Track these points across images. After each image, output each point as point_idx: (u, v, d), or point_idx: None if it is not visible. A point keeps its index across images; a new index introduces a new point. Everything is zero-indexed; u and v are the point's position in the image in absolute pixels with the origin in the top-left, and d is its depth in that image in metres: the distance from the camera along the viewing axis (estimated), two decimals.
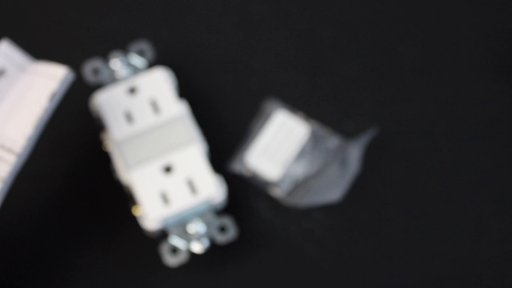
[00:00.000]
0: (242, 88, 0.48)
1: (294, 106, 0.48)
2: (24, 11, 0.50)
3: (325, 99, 0.48)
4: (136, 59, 0.46)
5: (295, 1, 0.50)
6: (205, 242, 0.44)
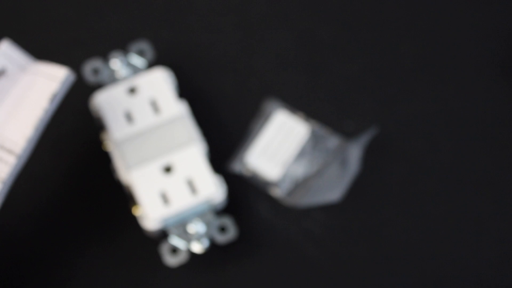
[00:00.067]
0: (242, 88, 0.48)
1: (294, 106, 0.48)
2: (24, 11, 0.50)
3: (325, 99, 0.48)
4: (136, 59, 0.46)
5: (295, 1, 0.50)
6: (205, 242, 0.44)
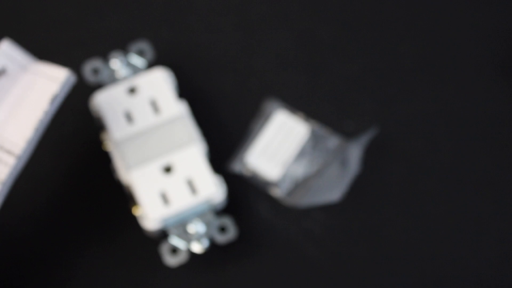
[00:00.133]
0: (242, 88, 0.48)
1: (294, 106, 0.48)
2: (24, 11, 0.50)
3: (325, 99, 0.48)
4: (136, 59, 0.46)
5: (295, 1, 0.50)
6: (205, 242, 0.44)
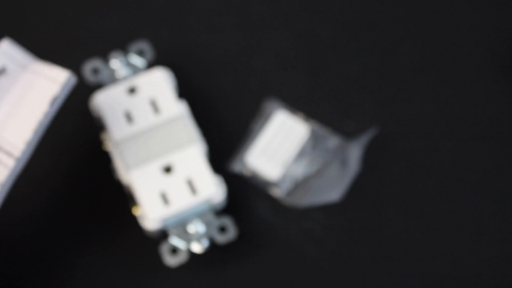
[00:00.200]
0: (242, 88, 0.48)
1: (294, 106, 0.48)
2: (24, 11, 0.50)
3: (325, 99, 0.48)
4: (136, 59, 0.46)
5: (295, 1, 0.50)
6: (205, 242, 0.44)
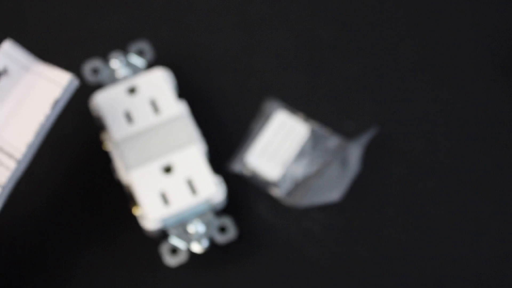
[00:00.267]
0: (242, 88, 0.48)
1: (294, 106, 0.48)
2: (24, 11, 0.50)
3: (325, 99, 0.48)
4: (136, 59, 0.46)
5: (295, 1, 0.50)
6: (205, 242, 0.44)
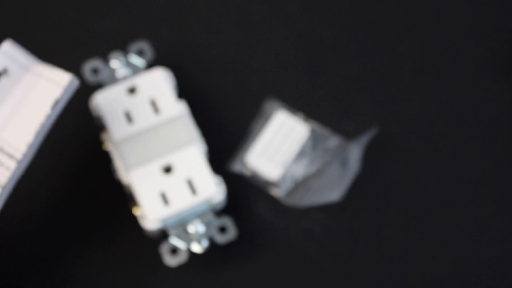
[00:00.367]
0: (242, 88, 0.48)
1: (294, 106, 0.48)
2: (24, 11, 0.50)
3: (325, 99, 0.48)
4: (135, 59, 0.46)
5: (295, 1, 0.50)
6: (205, 242, 0.44)
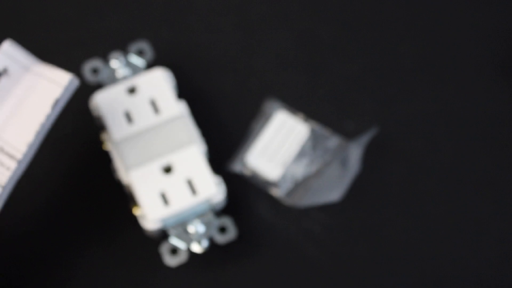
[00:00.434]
0: (242, 88, 0.48)
1: (294, 106, 0.48)
2: (24, 11, 0.50)
3: (325, 99, 0.48)
4: (135, 59, 0.46)
5: (295, 1, 0.50)
6: (205, 242, 0.44)
